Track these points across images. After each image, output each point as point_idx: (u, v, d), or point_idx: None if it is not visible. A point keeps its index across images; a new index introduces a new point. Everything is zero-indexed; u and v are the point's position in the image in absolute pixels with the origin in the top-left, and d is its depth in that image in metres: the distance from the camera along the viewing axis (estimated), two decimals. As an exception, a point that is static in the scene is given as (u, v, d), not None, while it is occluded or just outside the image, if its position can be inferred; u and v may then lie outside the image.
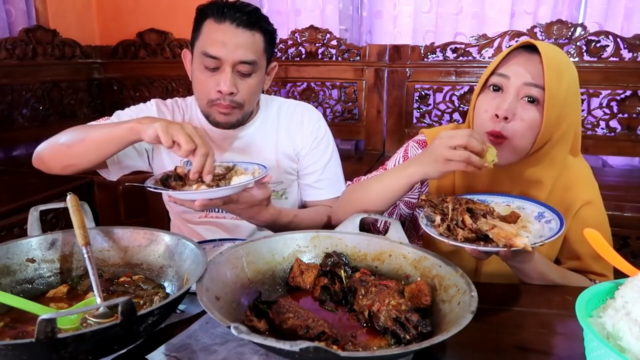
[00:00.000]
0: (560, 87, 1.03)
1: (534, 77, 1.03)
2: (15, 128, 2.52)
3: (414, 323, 0.77)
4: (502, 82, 1.07)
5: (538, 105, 1.04)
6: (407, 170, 1.06)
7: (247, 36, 1.21)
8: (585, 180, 1.17)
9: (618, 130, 2.40)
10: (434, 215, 0.97)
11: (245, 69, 1.23)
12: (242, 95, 1.25)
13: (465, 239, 0.88)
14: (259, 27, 1.24)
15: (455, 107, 2.61)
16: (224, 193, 1.05)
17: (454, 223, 0.92)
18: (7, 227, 1.79)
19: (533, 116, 1.04)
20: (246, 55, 1.21)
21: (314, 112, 1.45)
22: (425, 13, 2.69)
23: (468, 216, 0.91)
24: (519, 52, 1.07)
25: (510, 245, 0.84)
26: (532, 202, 1.04)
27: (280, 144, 1.40)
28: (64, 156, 1.20)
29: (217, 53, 1.20)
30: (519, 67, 1.05)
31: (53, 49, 2.70)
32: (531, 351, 0.81)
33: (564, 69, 1.05)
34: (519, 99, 1.05)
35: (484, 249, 0.87)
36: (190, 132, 1.03)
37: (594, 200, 1.14)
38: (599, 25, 2.43)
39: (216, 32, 1.20)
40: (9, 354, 0.60)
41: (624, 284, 0.72)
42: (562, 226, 0.91)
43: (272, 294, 0.92)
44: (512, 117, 1.04)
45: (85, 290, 0.92)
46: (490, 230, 0.88)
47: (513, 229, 0.89)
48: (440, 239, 0.89)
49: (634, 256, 1.96)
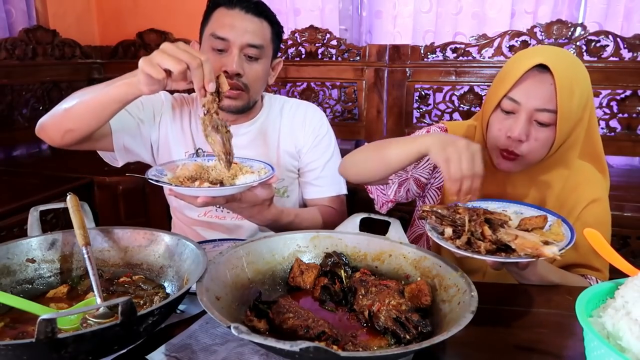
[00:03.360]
0: (572, 103, 1.05)
1: (545, 102, 1.05)
2: (15, 128, 2.52)
3: (414, 323, 0.77)
4: (513, 107, 1.08)
5: (550, 126, 1.06)
6: (423, 139, 1.03)
7: (256, 22, 1.26)
8: (591, 179, 1.19)
9: (618, 130, 2.40)
10: (440, 226, 0.95)
11: (253, 53, 1.25)
12: (248, 78, 1.27)
13: (487, 251, 0.87)
14: (265, 17, 1.29)
15: (455, 107, 2.61)
16: (228, 192, 1.02)
17: (469, 234, 0.90)
18: (7, 227, 1.79)
19: (546, 136, 1.07)
20: (254, 39, 1.25)
21: (317, 110, 1.46)
22: (425, 13, 2.69)
23: (487, 227, 0.89)
24: (531, 72, 1.06)
25: (539, 255, 0.83)
26: (530, 207, 1.04)
27: (282, 142, 1.40)
28: (63, 120, 1.16)
29: (225, 34, 1.23)
30: (530, 91, 1.06)
31: (53, 49, 2.70)
32: (531, 351, 0.81)
33: (574, 83, 1.05)
34: (531, 121, 1.07)
35: (512, 260, 0.85)
36: (172, 52, 0.96)
37: (600, 197, 1.16)
38: (599, 25, 2.43)
39: (226, 17, 1.25)
40: (9, 354, 0.60)
41: (624, 284, 0.72)
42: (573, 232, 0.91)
43: (272, 294, 0.92)
44: (525, 140, 1.07)
45: (85, 290, 0.92)
46: (513, 240, 0.86)
47: (535, 237, 0.88)
48: (462, 253, 0.87)
49: (634, 256, 1.96)
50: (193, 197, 1.01)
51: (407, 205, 1.95)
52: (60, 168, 2.31)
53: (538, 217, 0.96)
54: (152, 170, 1.08)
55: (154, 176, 1.04)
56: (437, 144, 0.98)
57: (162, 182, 1.03)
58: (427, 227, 0.97)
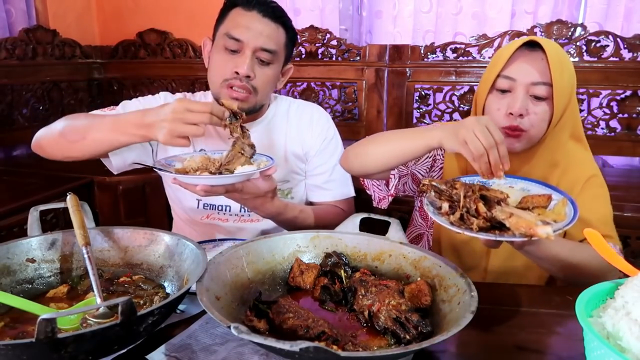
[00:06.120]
0: (563, 79, 1.09)
1: (539, 76, 1.09)
2: (15, 128, 2.52)
3: (414, 323, 0.77)
4: (509, 84, 1.12)
5: (546, 100, 1.10)
6: (431, 132, 1.03)
7: (272, 27, 1.25)
8: (586, 157, 1.23)
9: (618, 130, 2.40)
10: (439, 201, 0.93)
11: (265, 57, 1.25)
12: (258, 82, 1.25)
13: (480, 229, 0.85)
14: (282, 22, 1.28)
15: (455, 107, 2.60)
16: (226, 181, 1.05)
17: (464, 210, 0.87)
18: (7, 227, 1.79)
19: (544, 110, 1.11)
20: (268, 43, 1.24)
21: (323, 113, 1.46)
22: (425, 13, 2.69)
23: (482, 204, 0.87)
24: (520, 51, 1.11)
25: (532, 235, 0.80)
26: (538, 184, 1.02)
27: (289, 143, 1.40)
28: (66, 150, 1.19)
29: (240, 35, 1.22)
30: (524, 66, 1.10)
31: (53, 49, 2.70)
32: (531, 351, 0.81)
33: (563, 60, 1.11)
34: (528, 96, 1.10)
35: (502, 238, 0.83)
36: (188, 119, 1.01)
37: (597, 173, 1.20)
38: (599, 25, 2.43)
39: (242, 18, 1.24)
40: (9, 354, 0.60)
41: (624, 284, 0.72)
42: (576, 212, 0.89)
43: (272, 294, 0.92)
44: (525, 113, 1.10)
45: (85, 290, 0.92)
46: (508, 219, 0.83)
47: (532, 216, 0.85)
48: (454, 229, 0.86)
49: (634, 256, 1.96)
50: (193, 186, 1.03)
51: (406, 206, 1.96)
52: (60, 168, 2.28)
53: (542, 196, 0.94)
54: (162, 161, 1.14)
55: (161, 166, 1.09)
56: (448, 134, 0.98)
57: (165, 170, 1.07)
58: (425, 201, 0.96)
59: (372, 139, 1.18)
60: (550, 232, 0.79)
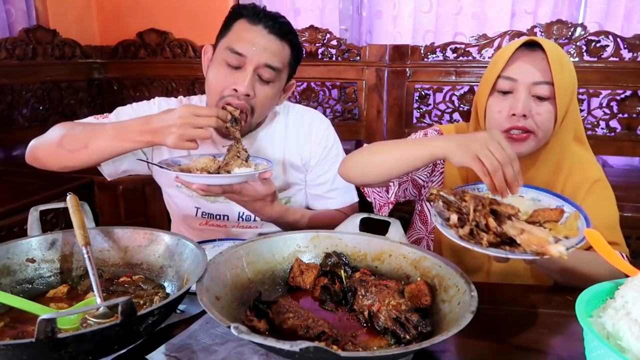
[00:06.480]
0: (565, 78, 1.08)
1: (541, 75, 1.08)
2: (15, 128, 2.52)
3: (414, 323, 0.77)
4: (510, 85, 1.10)
5: (549, 100, 1.09)
6: (434, 142, 0.99)
7: (277, 44, 1.20)
8: (590, 161, 1.22)
9: (618, 130, 2.40)
10: (447, 212, 0.91)
11: (267, 75, 1.20)
12: (257, 101, 1.21)
13: (490, 244, 0.82)
14: (289, 40, 1.23)
15: (455, 107, 2.61)
16: (222, 181, 1.07)
17: (474, 224, 0.85)
18: (7, 227, 1.79)
19: (548, 109, 1.09)
20: (272, 60, 1.19)
21: (323, 120, 1.42)
22: (425, 13, 2.69)
23: (492, 219, 0.84)
24: (520, 52, 1.10)
25: (544, 253, 0.78)
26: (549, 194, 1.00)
27: (287, 153, 1.37)
28: (65, 160, 1.17)
29: (243, 50, 1.17)
30: (524, 66, 1.09)
31: (53, 49, 2.70)
32: (531, 351, 0.81)
33: (563, 60, 1.10)
34: (530, 96, 1.09)
35: (514, 256, 0.81)
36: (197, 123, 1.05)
37: (602, 177, 1.19)
38: (599, 25, 2.43)
39: (247, 32, 1.19)
40: (9, 354, 0.60)
41: (624, 284, 0.72)
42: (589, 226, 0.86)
43: (272, 294, 0.92)
44: (529, 114, 1.08)
45: (85, 290, 0.92)
46: (519, 235, 0.81)
47: (544, 233, 0.82)
48: (463, 244, 0.83)
49: (634, 256, 1.95)
50: (191, 184, 1.06)
51: (407, 206, 1.96)
52: (60, 168, 2.31)
53: (553, 210, 0.91)
54: (168, 160, 1.16)
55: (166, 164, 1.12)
56: (456, 146, 0.93)
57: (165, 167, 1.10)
58: (433, 211, 0.93)
59: (371, 148, 1.14)
60: (564, 251, 0.77)
